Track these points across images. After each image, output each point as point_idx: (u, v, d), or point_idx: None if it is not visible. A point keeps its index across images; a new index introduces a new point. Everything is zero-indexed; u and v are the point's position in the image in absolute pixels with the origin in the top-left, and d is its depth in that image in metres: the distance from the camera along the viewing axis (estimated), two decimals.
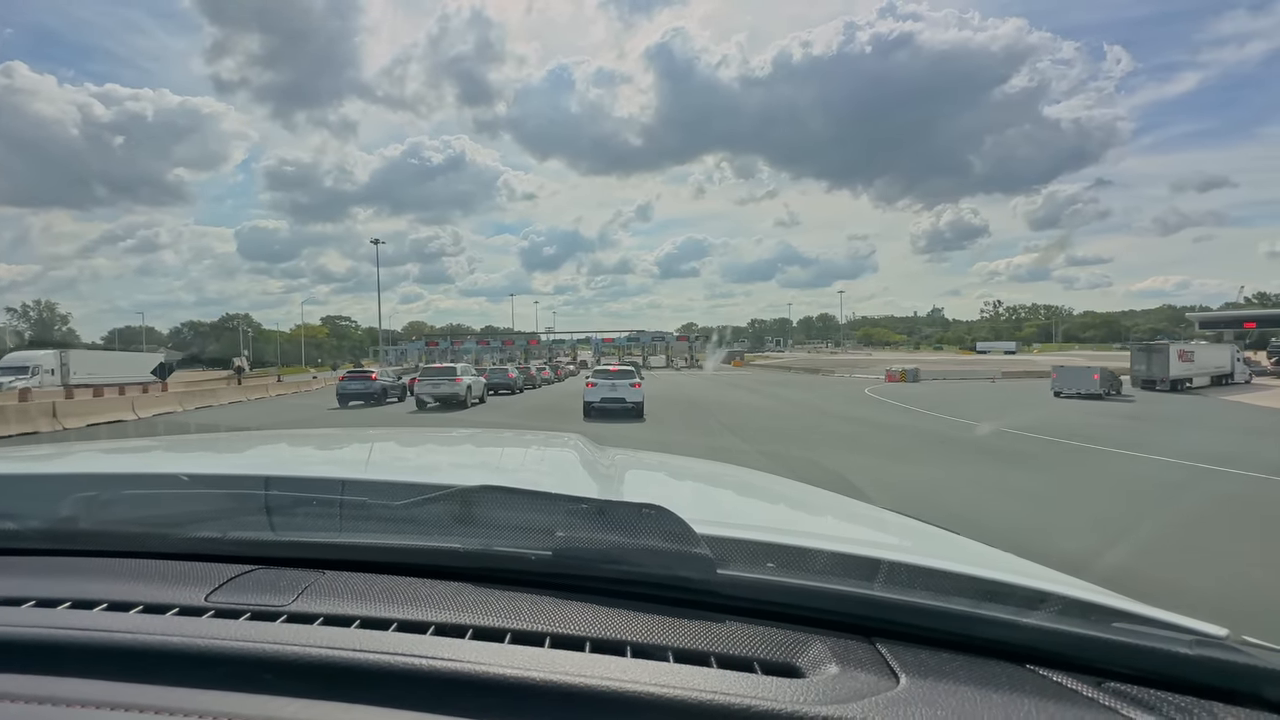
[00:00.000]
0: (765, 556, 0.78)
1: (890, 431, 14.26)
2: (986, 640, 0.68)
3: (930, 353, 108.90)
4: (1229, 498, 7.66)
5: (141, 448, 1.69)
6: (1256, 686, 0.61)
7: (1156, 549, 5.54)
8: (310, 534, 0.89)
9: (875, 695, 0.58)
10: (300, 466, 1.44)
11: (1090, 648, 0.65)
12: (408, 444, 1.94)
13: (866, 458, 10.44)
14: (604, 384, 17.14)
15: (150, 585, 0.78)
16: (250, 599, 0.74)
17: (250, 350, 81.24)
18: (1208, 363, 29.95)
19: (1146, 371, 27.86)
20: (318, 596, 0.74)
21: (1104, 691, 0.62)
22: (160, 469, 1.27)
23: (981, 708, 0.57)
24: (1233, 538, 5.96)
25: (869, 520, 1.43)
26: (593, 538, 0.76)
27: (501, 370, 31.78)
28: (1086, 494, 7.82)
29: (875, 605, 0.71)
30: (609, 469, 1.56)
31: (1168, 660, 0.63)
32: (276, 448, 1.78)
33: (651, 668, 0.62)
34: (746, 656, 0.65)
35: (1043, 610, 0.69)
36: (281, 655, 0.62)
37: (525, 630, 0.68)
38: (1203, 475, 8.94)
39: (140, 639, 0.65)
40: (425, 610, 0.71)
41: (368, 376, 23.95)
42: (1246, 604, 4.27)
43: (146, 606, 0.72)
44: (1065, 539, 5.64)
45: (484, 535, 0.82)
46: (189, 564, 0.83)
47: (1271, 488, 8.12)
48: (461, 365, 23.62)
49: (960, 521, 4.11)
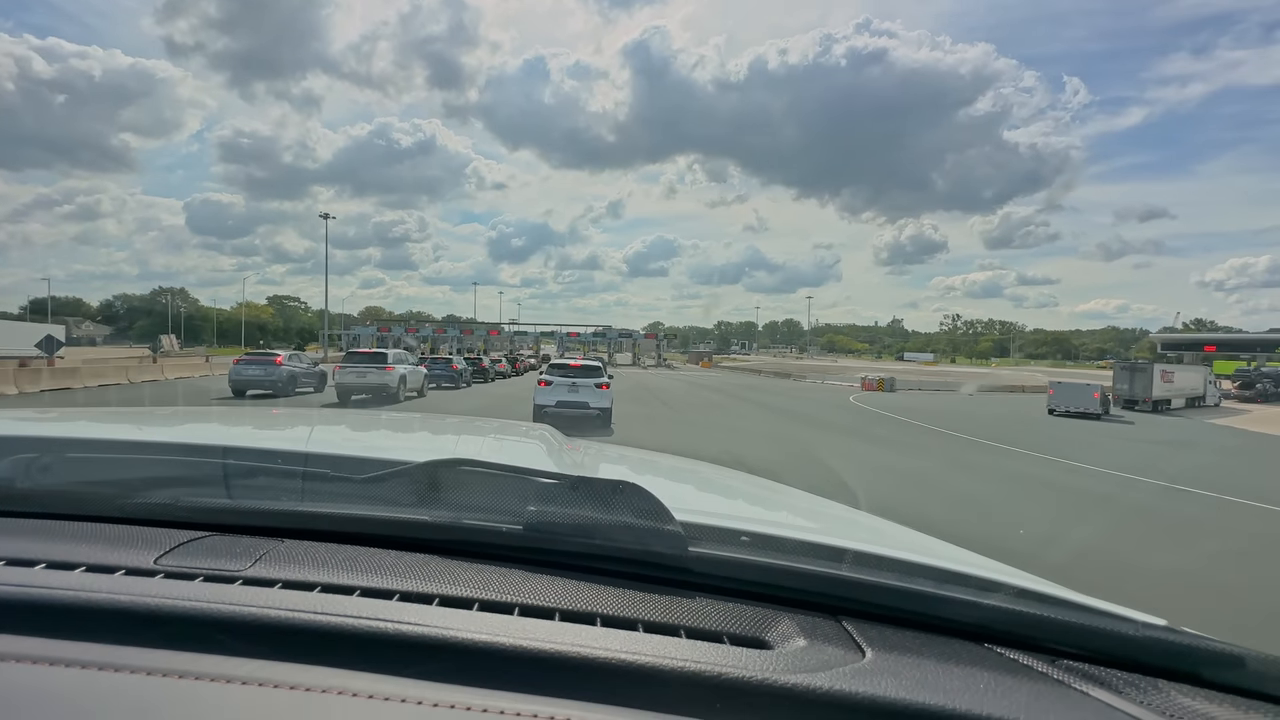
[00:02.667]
0: (736, 540, 0.78)
1: (975, 474, 10.08)
2: (948, 620, 0.70)
3: (891, 362, 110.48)
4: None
5: (89, 415, 1.66)
6: (1195, 667, 0.65)
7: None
8: (270, 502, 0.85)
9: (843, 666, 0.60)
10: (259, 440, 1.38)
11: (1045, 628, 0.68)
12: (367, 427, 1.91)
13: (1010, 527, 6.72)
14: (561, 383, 13.25)
15: (95, 547, 0.72)
16: (204, 563, 0.70)
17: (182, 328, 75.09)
18: (1185, 384, 29.77)
19: (1129, 391, 27.29)
20: (276, 563, 0.71)
21: (1057, 668, 0.65)
22: (109, 435, 1.21)
23: (943, 679, 0.59)
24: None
25: (832, 516, 1.41)
26: (565, 512, 0.74)
27: (444, 360, 27.91)
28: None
29: (842, 584, 0.72)
30: (577, 458, 1.53)
31: (1116, 641, 0.66)
32: (235, 423, 1.74)
33: (622, 636, 0.61)
34: (716, 630, 0.65)
35: (1000, 594, 0.72)
36: (238, 616, 0.59)
37: (494, 600, 0.66)
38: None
39: (83, 596, 0.61)
40: (390, 579, 0.68)
41: (270, 360, 18.73)
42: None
43: (90, 567, 0.67)
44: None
45: (453, 509, 0.78)
46: (138, 528, 0.78)
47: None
48: (394, 351, 19.55)
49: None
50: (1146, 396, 26.82)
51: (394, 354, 18.84)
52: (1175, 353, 45.98)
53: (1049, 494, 8.83)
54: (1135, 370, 28.12)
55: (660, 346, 71.01)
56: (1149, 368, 27.91)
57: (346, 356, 19.09)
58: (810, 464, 10.39)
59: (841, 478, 9.17)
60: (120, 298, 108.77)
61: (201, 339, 76.45)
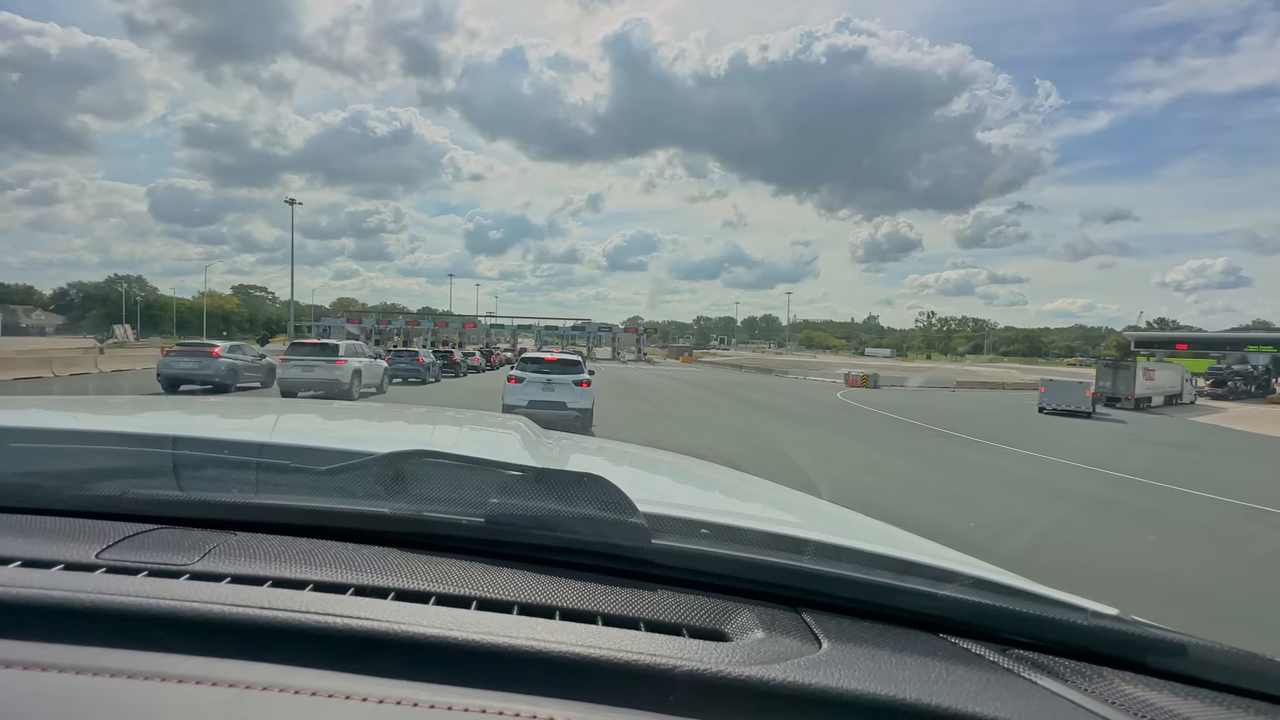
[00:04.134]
0: (699, 531, 0.79)
1: (1015, 490, 8.95)
2: (904, 611, 0.71)
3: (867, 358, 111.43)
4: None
5: (27, 404, 1.61)
6: (1141, 655, 0.66)
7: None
8: (221, 494, 0.82)
9: (798, 658, 0.60)
10: (211, 429, 1.33)
11: (997, 619, 0.70)
12: (332, 416, 1.86)
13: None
14: (534, 380, 11.51)
15: (32, 541, 0.70)
16: (149, 557, 0.68)
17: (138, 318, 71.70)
18: (1164, 383, 29.93)
19: (1111, 388, 27.24)
20: (226, 556, 0.69)
21: (1008, 657, 0.67)
22: (52, 424, 1.16)
23: (897, 669, 0.61)
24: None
25: (800, 507, 1.41)
26: (528, 504, 0.74)
27: (409, 353, 25.98)
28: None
29: (802, 576, 0.72)
30: (550, 450, 1.51)
31: (1065, 630, 0.68)
32: (185, 411, 1.68)
33: (579, 630, 0.61)
34: (675, 622, 0.65)
35: (955, 585, 0.72)
36: (179, 611, 0.57)
37: (451, 593, 0.65)
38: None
39: (13, 592, 0.59)
40: (346, 573, 0.67)
41: (204, 352, 16.33)
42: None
43: (25, 561, 0.65)
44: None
45: (414, 501, 0.77)
46: (81, 521, 0.75)
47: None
48: (347, 343, 17.20)
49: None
50: (1129, 394, 26.82)
51: (346, 345, 16.80)
52: (1147, 350, 46.64)
53: (1099, 510, 7.98)
54: (1118, 368, 28.10)
55: (640, 341, 70.03)
56: (1132, 366, 27.93)
57: (291, 348, 16.82)
58: (832, 480, 9.55)
59: (869, 497, 8.33)
60: (75, 286, 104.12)
61: (161, 329, 73.02)
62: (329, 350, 16.12)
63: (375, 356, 19.02)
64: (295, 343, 17.83)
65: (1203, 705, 0.61)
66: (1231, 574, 5.65)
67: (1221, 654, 0.65)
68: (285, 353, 16.82)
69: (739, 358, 74.29)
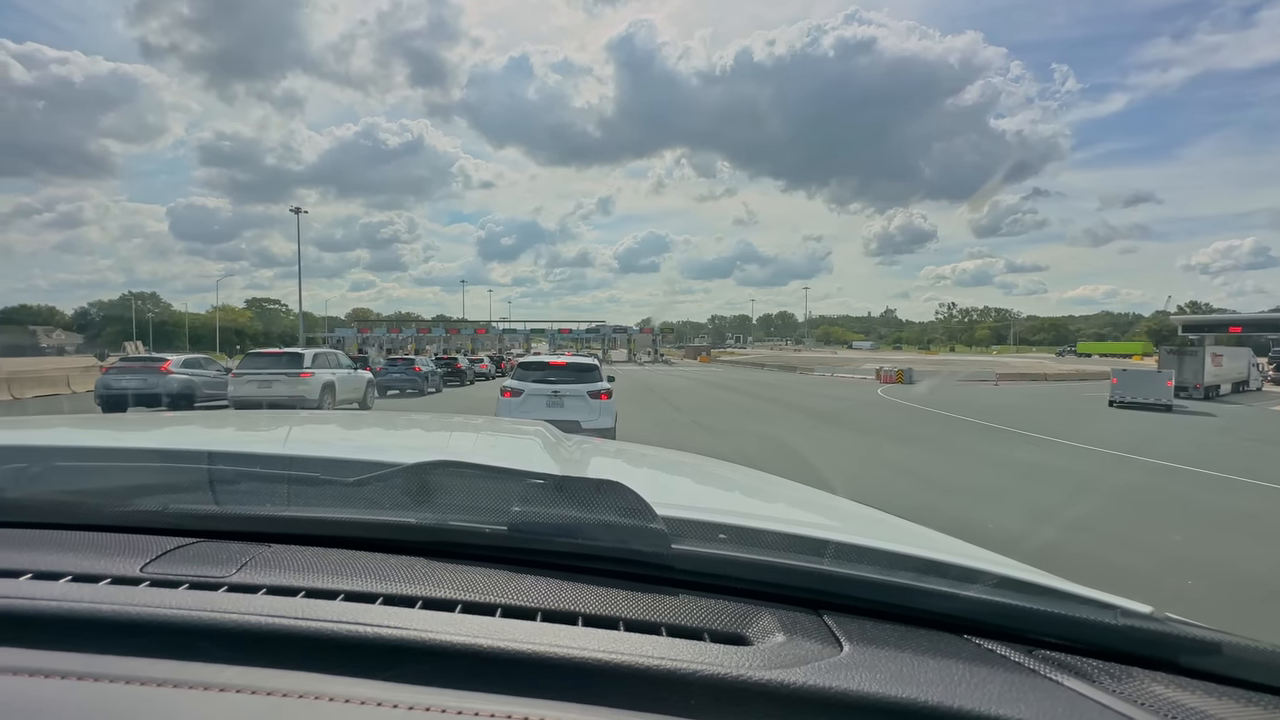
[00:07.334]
0: (718, 535, 0.78)
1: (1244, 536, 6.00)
2: (927, 612, 0.70)
3: (890, 351, 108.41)
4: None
5: (76, 423, 1.67)
6: (1174, 654, 0.64)
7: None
8: (256, 508, 0.85)
9: (819, 661, 0.60)
10: (245, 444, 1.38)
11: (1023, 619, 0.68)
12: (356, 426, 1.90)
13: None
14: (536, 393, 8.93)
15: (81, 556, 0.73)
16: (189, 570, 0.70)
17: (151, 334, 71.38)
18: (1232, 369, 27.48)
19: (1178, 377, 24.83)
20: (261, 568, 0.72)
21: (1034, 658, 0.65)
22: (96, 443, 1.21)
23: (919, 671, 0.60)
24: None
25: (822, 506, 1.41)
26: (548, 512, 0.75)
27: (403, 362, 23.34)
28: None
29: (822, 578, 0.72)
30: (571, 454, 1.52)
31: (1095, 630, 0.66)
32: (218, 427, 1.75)
33: (601, 636, 0.62)
34: (696, 627, 0.66)
35: (980, 584, 0.70)
36: (220, 623, 0.60)
37: (476, 601, 0.67)
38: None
39: (67, 606, 0.62)
40: (374, 582, 0.69)
41: (152, 368, 14.09)
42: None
43: (76, 576, 0.68)
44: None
45: (439, 511, 0.80)
46: (125, 536, 0.79)
47: None
48: (316, 351, 14.73)
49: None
50: (1197, 383, 24.48)
51: (314, 354, 14.32)
52: (1197, 335, 43.84)
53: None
54: (1184, 354, 25.69)
55: (656, 342, 68.25)
56: (1200, 351, 25.50)
57: (245, 359, 14.25)
58: (951, 522, 7.68)
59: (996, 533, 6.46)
60: (95, 305, 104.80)
61: (174, 345, 72.77)
62: (292, 360, 13.66)
63: (354, 367, 16.63)
64: (252, 353, 14.96)
65: (1238, 705, 0.59)
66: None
67: (1258, 652, 0.63)
68: (239, 365, 14.31)
69: (758, 356, 72.19)
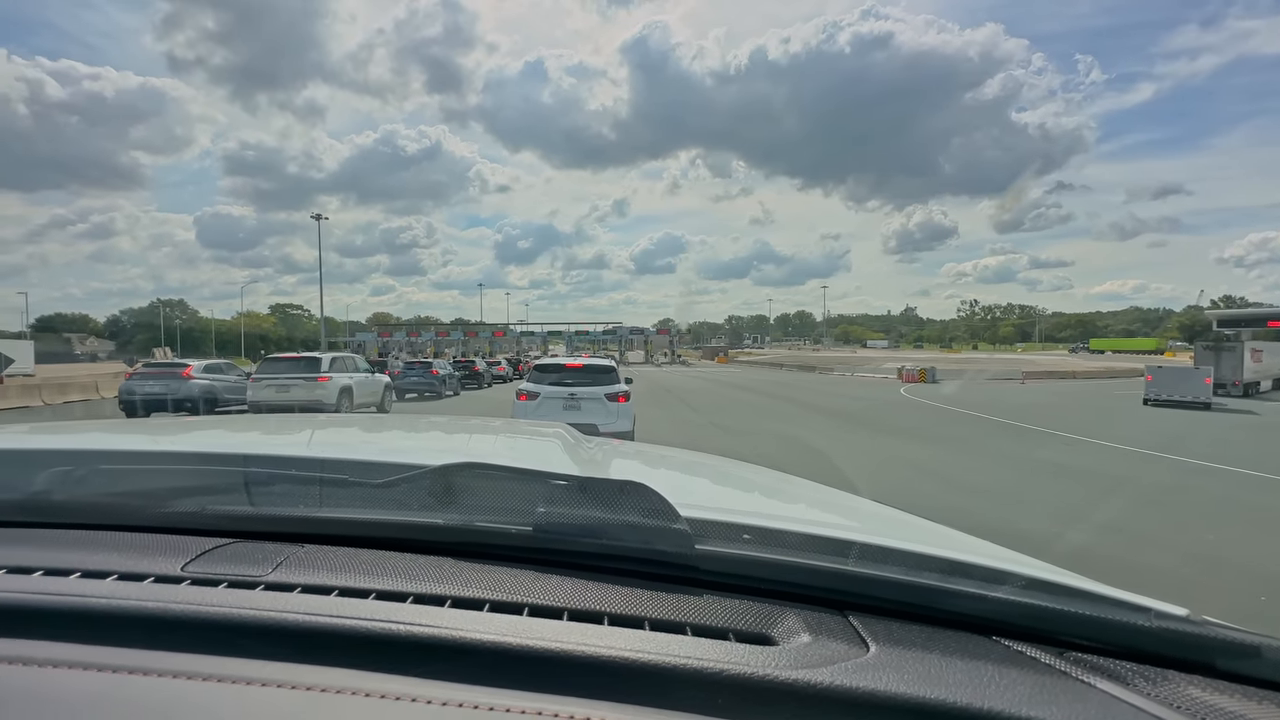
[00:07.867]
0: (742, 536, 0.79)
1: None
2: (954, 613, 0.69)
3: (910, 350, 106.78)
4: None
5: (116, 427, 1.91)
6: (1210, 657, 0.63)
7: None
8: (289, 509, 0.88)
9: (846, 661, 0.60)
10: (277, 446, 1.42)
11: (1053, 620, 0.67)
12: (381, 429, 1.95)
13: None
14: (552, 396, 8.93)
15: (126, 555, 0.76)
16: (227, 569, 0.73)
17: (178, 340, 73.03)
18: (1272, 365, 26.47)
19: (1216, 374, 23.97)
20: (296, 568, 0.74)
21: (1064, 660, 0.64)
22: (136, 446, 1.25)
23: (947, 672, 0.59)
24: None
25: (844, 507, 1.41)
26: (573, 513, 0.76)
27: (421, 365, 23.63)
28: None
29: (848, 579, 0.72)
30: (593, 455, 1.54)
31: (1127, 632, 0.65)
32: (251, 430, 1.81)
33: (627, 635, 0.62)
34: (722, 627, 0.66)
35: (1009, 585, 0.70)
36: (259, 620, 0.61)
37: (503, 600, 0.68)
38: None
39: (115, 604, 0.64)
40: (404, 581, 0.71)
41: (174, 374, 14.43)
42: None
43: (122, 575, 0.70)
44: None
45: (465, 512, 0.81)
46: (166, 536, 0.81)
47: None
48: (333, 355, 14.87)
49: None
50: (1236, 380, 23.64)
51: (331, 359, 14.51)
52: (1233, 329, 42.41)
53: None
54: (1221, 350, 24.82)
55: (673, 343, 68.03)
56: (1238, 347, 24.63)
57: (263, 364, 14.45)
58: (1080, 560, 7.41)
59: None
60: (126, 312, 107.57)
61: (201, 350, 74.43)
62: (310, 365, 13.85)
63: (372, 371, 16.86)
64: (270, 358, 15.17)
65: (1276, 710, 0.58)
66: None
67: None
68: (256, 370, 14.42)
69: (776, 356, 71.43)
